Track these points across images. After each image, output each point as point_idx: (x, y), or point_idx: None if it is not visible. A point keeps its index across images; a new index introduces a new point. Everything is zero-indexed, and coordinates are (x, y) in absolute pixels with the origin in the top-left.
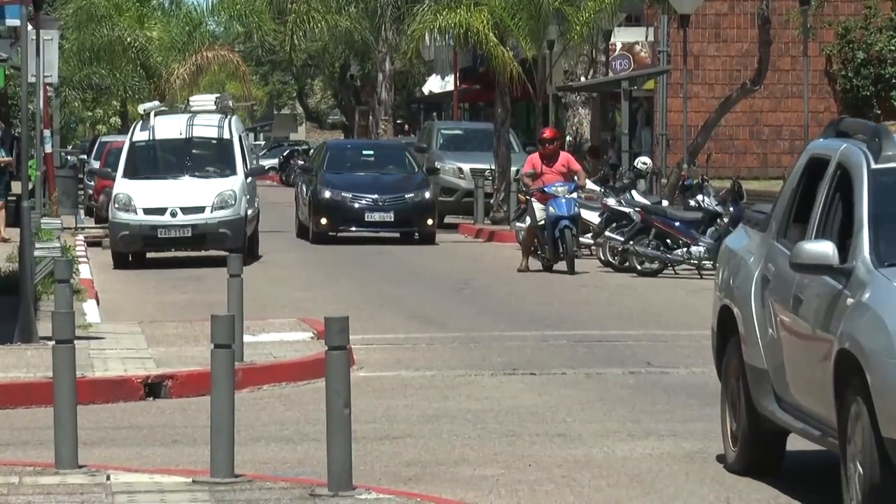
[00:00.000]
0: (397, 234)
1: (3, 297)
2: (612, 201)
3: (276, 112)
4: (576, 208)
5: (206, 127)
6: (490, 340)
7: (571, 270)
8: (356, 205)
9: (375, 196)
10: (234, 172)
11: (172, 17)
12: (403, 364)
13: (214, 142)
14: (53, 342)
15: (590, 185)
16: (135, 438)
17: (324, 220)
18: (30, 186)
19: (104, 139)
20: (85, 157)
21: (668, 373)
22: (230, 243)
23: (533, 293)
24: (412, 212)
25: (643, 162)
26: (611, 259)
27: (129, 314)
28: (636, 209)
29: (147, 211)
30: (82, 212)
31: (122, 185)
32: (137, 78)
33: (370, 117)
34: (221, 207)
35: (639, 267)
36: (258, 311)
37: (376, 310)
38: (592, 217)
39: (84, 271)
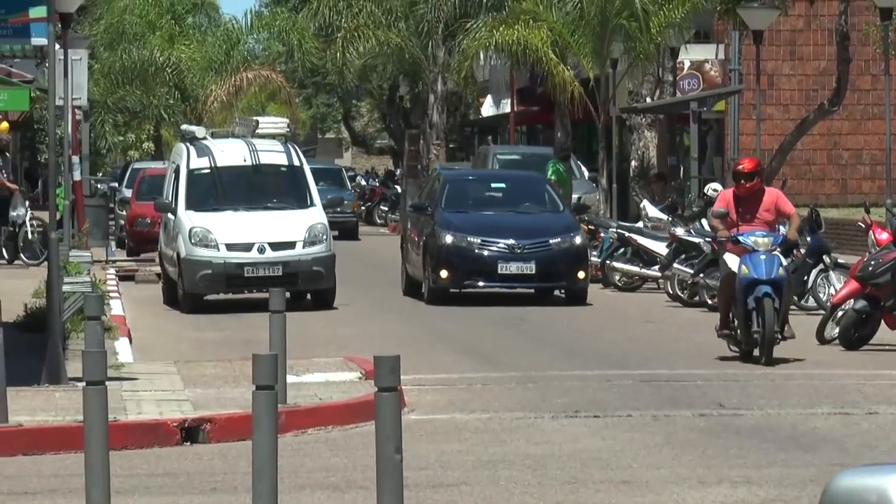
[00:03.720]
0: (532, 291)
1: (30, 335)
2: (680, 231)
3: (319, 136)
4: (780, 270)
5: (273, 153)
6: (550, 380)
7: (769, 359)
8: (486, 252)
9: (511, 241)
10: (312, 204)
11: (209, 36)
12: (457, 406)
13: (284, 169)
14: (84, 383)
15: (657, 213)
16: (171, 486)
17: (444, 273)
18: (58, 217)
19: (137, 166)
20: (116, 184)
21: (741, 415)
22: (324, 283)
23: (595, 329)
24: (559, 262)
25: (714, 189)
26: (679, 293)
27: (164, 353)
28: (706, 239)
29: (230, 247)
30: (113, 243)
31: (195, 218)
32: (172, 100)
33: (421, 141)
34: (313, 243)
35: (709, 301)
36: (302, 350)
37: (428, 347)
38: (660, 248)
39: (116, 307)
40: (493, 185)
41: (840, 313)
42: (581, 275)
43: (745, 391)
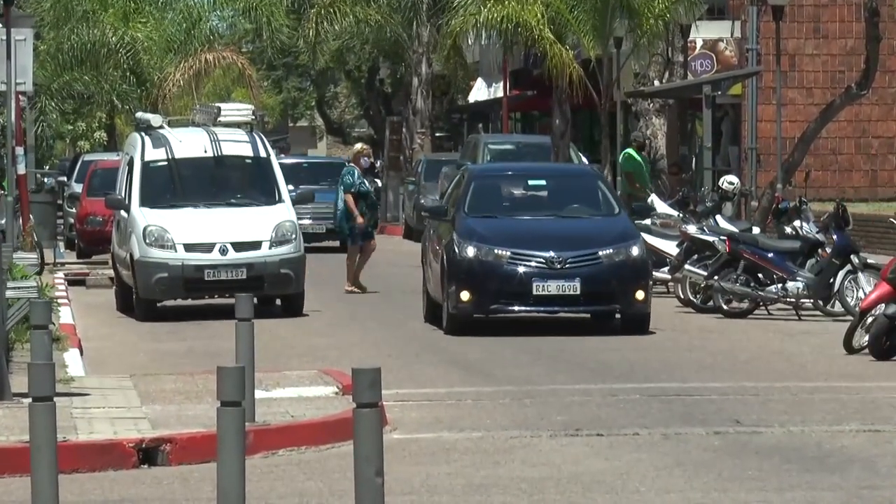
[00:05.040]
0: (586, 315)
1: None
2: (692, 228)
3: (291, 124)
4: None
5: (237, 143)
6: (548, 395)
7: None
8: (519, 268)
9: (550, 254)
10: (280, 199)
11: (167, 13)
12: (445, 424)
13: (250, 161)
14: (29, 400)
15: (666, 208)
16: None
17: (465, 295)
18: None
19: (87, 158)
20: (64, 178)
21: (761, 432)
22: (293, 287)
23: (599, 339)
24: (611, 279)
25: (729, 181)
26: (691, 297)
27: (119, 366)
28: (721, 238)
29: (189, 247)
30: (62, 244)
31: (149, 216)
32: (127, 85)
33: (403, 130)
34: (281, 242)
35: (725, 306)
36: (272, 362)
37: (412, 359)
38: (669, 248)
39: (65, 315)
40: (530, 182)
41: (870, 319)
42: (640, 295)
43: (764, 406)
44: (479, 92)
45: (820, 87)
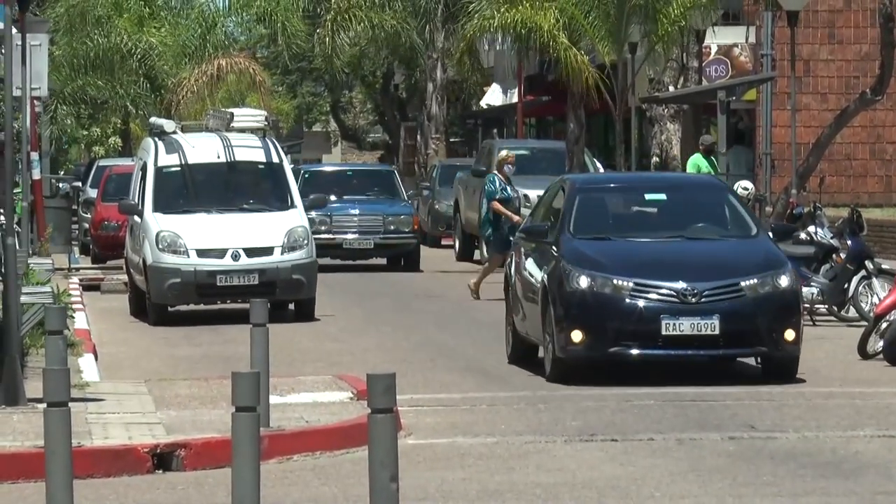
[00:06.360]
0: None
1: None
2: None
3: (305, 129)
4: None
5: (250, 149)
6: (562, 400)
7: None
8: (641, 303)
9: (681, 285)
10: (293, 205)
11: (182, 18)
12: (460, 429)
13: (263, 167)
14: (44, 405)
15: None
16: None
17: (577, 335)
18: (15, 220)
19: (102, 163)
20: (79, 184)
21: (775, 438)
22: (305, 292)
23: None
24: (756, 316)
25: (744, 187)
26: None
27: (134, 371)
28: None
29: (201, 253)
30: (77, 249)
31: (162, 221)
32: (141, 90)
33: (418, 135)
34: (293, 248)
35: None
36: (286, 367)
37: (427, 364)
38: None
39: (80, 320)
40: (647, 196)
41: (884, 325)
42: (790, 335)
43: (779, 412)
44: (494, 97)
45: (834, 92)
